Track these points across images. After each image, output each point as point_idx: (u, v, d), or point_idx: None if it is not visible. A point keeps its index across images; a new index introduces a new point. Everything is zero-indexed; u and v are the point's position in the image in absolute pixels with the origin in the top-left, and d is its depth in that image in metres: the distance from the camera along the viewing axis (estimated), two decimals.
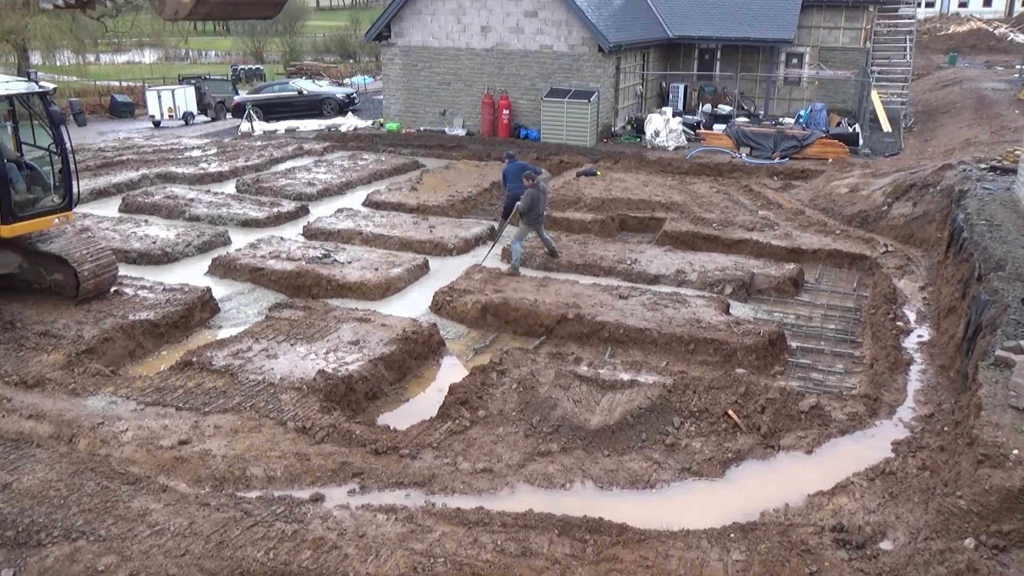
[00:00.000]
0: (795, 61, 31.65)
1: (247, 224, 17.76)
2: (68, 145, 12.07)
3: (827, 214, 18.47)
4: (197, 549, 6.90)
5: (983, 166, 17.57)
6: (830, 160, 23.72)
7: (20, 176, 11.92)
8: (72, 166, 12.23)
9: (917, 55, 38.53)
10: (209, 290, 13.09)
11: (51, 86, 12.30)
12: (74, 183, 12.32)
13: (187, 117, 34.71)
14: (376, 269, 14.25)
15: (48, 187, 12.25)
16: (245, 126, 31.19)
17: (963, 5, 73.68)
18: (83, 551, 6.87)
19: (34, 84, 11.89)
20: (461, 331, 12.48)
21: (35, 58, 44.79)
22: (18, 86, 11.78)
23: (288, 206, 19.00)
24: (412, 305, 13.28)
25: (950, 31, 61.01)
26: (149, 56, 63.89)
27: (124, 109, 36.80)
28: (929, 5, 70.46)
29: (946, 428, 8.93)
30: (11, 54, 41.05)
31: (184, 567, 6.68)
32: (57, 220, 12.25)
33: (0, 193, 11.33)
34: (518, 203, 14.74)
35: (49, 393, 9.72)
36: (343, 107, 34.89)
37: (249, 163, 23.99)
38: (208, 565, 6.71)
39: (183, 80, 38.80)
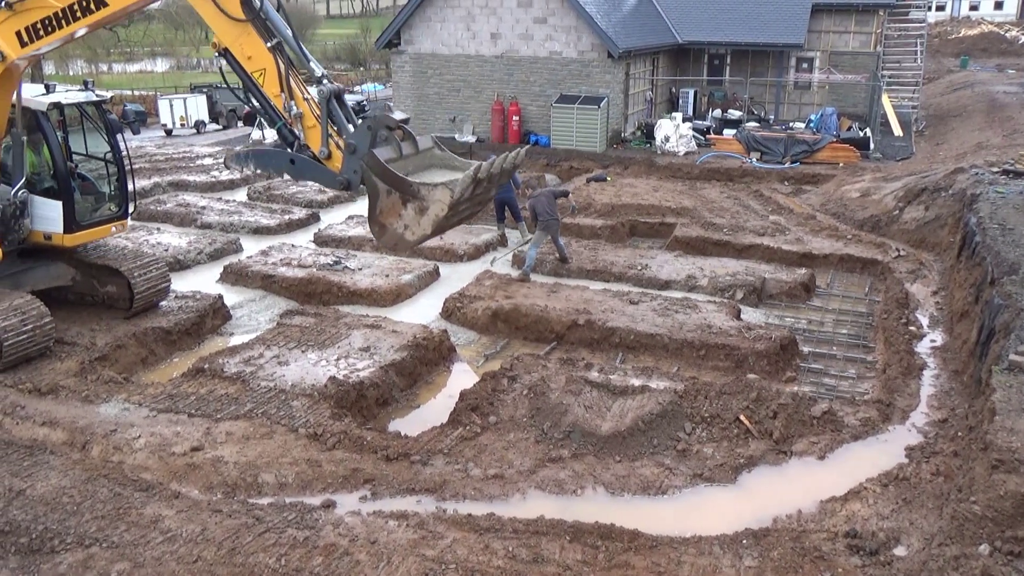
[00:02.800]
0: (805, 65, 31.58)
1: (258, 231, 17.83)
2: (125, 154, 12.07)
3: (838, 219, 18.41)
4: (209, 555, 6.92)
5: (995, 170, 17.49)
6: (841, 164, 23.66)
7: (75, 185, 11.97)
8: (129, 175, 12.22)
9: (928, 59, 38.42)
10: (221, 297, 13.13)
11: (108, 94, 12.36)
12: (130, 191, 12.30)
13: (199, 126, 34.90)
14: (387, 276, 14.28)
15: (101, 196, 12.22)
16: (256, 134, 31.30)
17: (974, 8, 73.44)
18: (96, 558, 6.89)
19: (91, 93, 11.97)
20: (472, 337, 12.49)
21: (48, 68, 45.18)
22: (77, 96, 11.83)
23: (299, 213, 19.07)
24: (423, 311, 13.29)
25: (961, 34, 60.82)
26: (161, 65, 64.30)
27: (136, 118, 37.02)
28: (940, 8, 70.25)
29: (960, 433, 8.87)
30: None
31: (196, 573, 6.70)
32: (114, 228, 12.26)
33: (64, 203, 11.33)
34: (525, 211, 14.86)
35: (62, 400, 9.78)
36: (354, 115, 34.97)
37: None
38: (220, 571, 6.72)
39: (195, 89, 39.02)
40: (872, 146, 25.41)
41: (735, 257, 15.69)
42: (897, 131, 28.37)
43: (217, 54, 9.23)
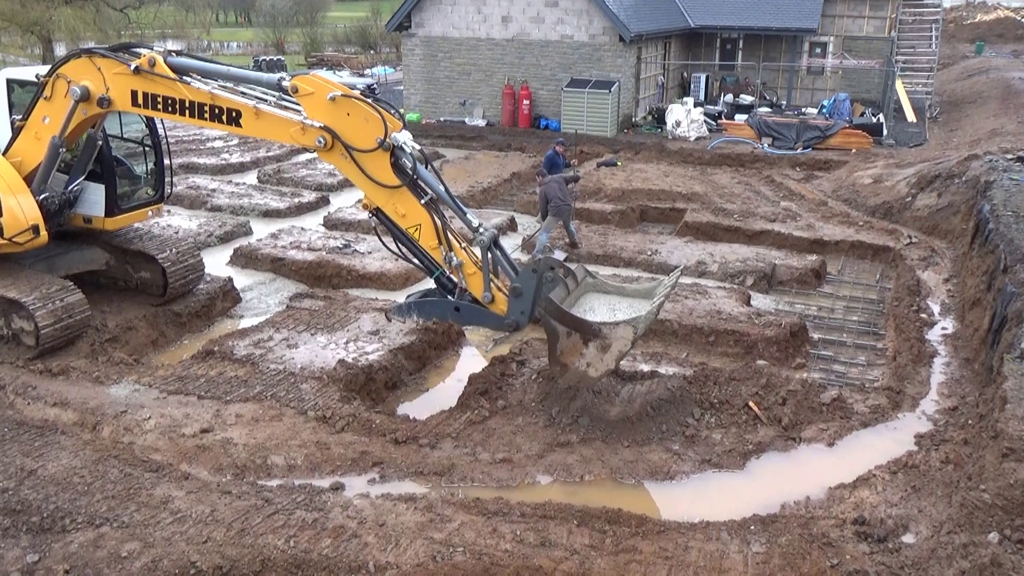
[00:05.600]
0: (818, 50, 31.33)
1: (268, 214, 17.84)
2: (162, 137, 11.97)
3: (850, 205, 18.30)
4: (219, 536, 6.96)
5: (1010, 156, 17.34)
6: (853, 151, 23.50)
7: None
8: (166, 158, 12.11)
9: (943, 44, 38.05)
10: (231, 280, 13.15)
11: None
12: (166, 175, 12.22)
13: None
14: (396, 259, 14.23)
15: (139, 179, 12.11)
16: None
17: None
18: (107, 537, 6.94)
19: None
20: None
21: (60, 49, 45.20)
22: None
23: (309, 196, 19.07)
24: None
25: (977, 20, 60.23)
26: (171, 47, 64.19)
27: None
28: None
29: (970, 421, 8.84)
30: (36, 45, 41.46)
31: (206, 554, 6.73)
32: (150, 212, 12.17)
33: (107, 186, 11.26)
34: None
35: (73, 381, 9.83)
36: None
37: (270, 154, 24.11)
38: (229, 552, 6.76)
39: None
40: (885, 132, 25.22)
41: (745, 243, 15.63)
42: (911, 117, 28.17)
43: (369, 214, 9.24)
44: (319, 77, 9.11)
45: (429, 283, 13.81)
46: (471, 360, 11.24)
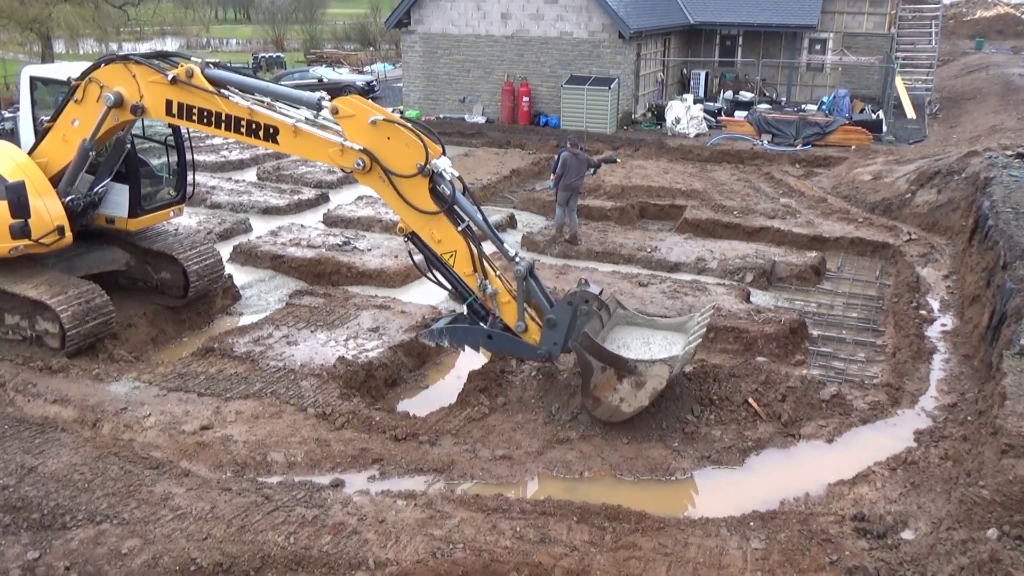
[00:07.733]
0: (818, 47, 31.32)
1: (268, 212, 17.84)
2: (185, 138, 11.87)
3: (850, 202, 18.30)
4: (219, 533, 6.97)
5: (1009, 153, 17.34)
6: (853, 147, 23.50)
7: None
8: (188, 158, 12.00)
9: (943, 40, 38.02)
10: (230, 277, 13.15)
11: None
12: (189, 176, 12.07)
13: None
14: (396, 256, 14.27)
15: (159, 180, 12.00)
16: None
17: None
18: (107, 534, 6.95)
19: None
20: None
21: (59, 46, 45.17)
22: None
23: (308, 194, 19.08)
24: (432, 292, 13.24)
25: (976, 16, 60.19)
26: (171, 44, 64.16)
27: None
28: None
29: (969, 418, 8.85)
30: (35, 43, 41.41)
31: (206, 550, 6.74)
32: (172, 213, 12.07)
33: (131, 186, 11.20)
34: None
35: (73, 378, 9.83)
36: (363, 95, 34.83)
37: (270, 151, 24.07)
38: (229, 549, 6.77)
39: None
40: (885, 129, 25.22)
41: (745, 240, 15.63)
42: (910, 114, 28.15)
43: (405, 238, 9.21)
44: (361, 100, 9.02)
45: (428, 284, 13.88)
46: (471, 357, 11.20)
